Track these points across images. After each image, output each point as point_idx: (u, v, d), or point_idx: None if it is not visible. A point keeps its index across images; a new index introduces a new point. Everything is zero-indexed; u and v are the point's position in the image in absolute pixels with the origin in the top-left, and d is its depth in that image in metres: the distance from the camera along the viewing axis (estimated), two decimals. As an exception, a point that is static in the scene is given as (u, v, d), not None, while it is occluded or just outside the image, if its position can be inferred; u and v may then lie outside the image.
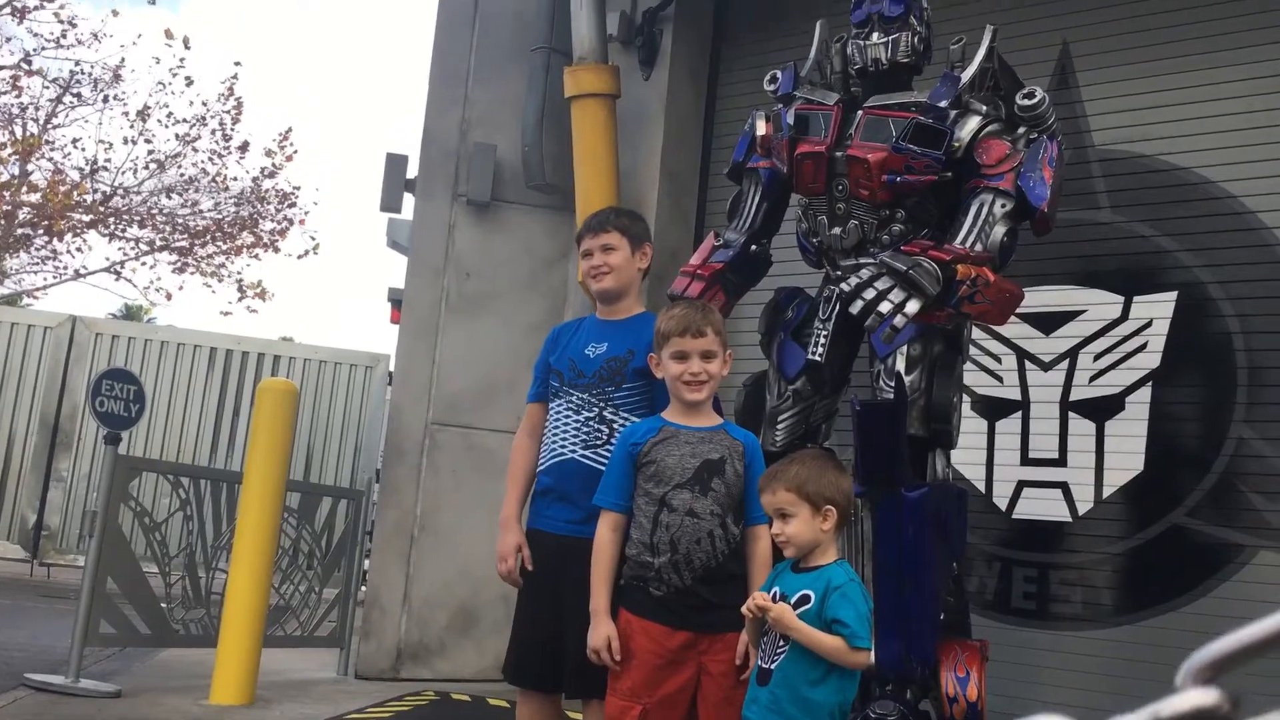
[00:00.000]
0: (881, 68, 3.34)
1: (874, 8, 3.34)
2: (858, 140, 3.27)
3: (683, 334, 2.84)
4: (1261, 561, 4.04)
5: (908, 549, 3.07)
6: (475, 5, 5.93)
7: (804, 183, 3.37)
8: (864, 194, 3.27)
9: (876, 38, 3.33)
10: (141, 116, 16.46)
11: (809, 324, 3.44)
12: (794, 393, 3.42)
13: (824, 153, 3.29)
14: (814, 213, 3.43)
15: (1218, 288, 4.29)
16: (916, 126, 3.20)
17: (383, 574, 5.66)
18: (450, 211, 5.80)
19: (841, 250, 3.37)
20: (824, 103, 3.41)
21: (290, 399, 4.80)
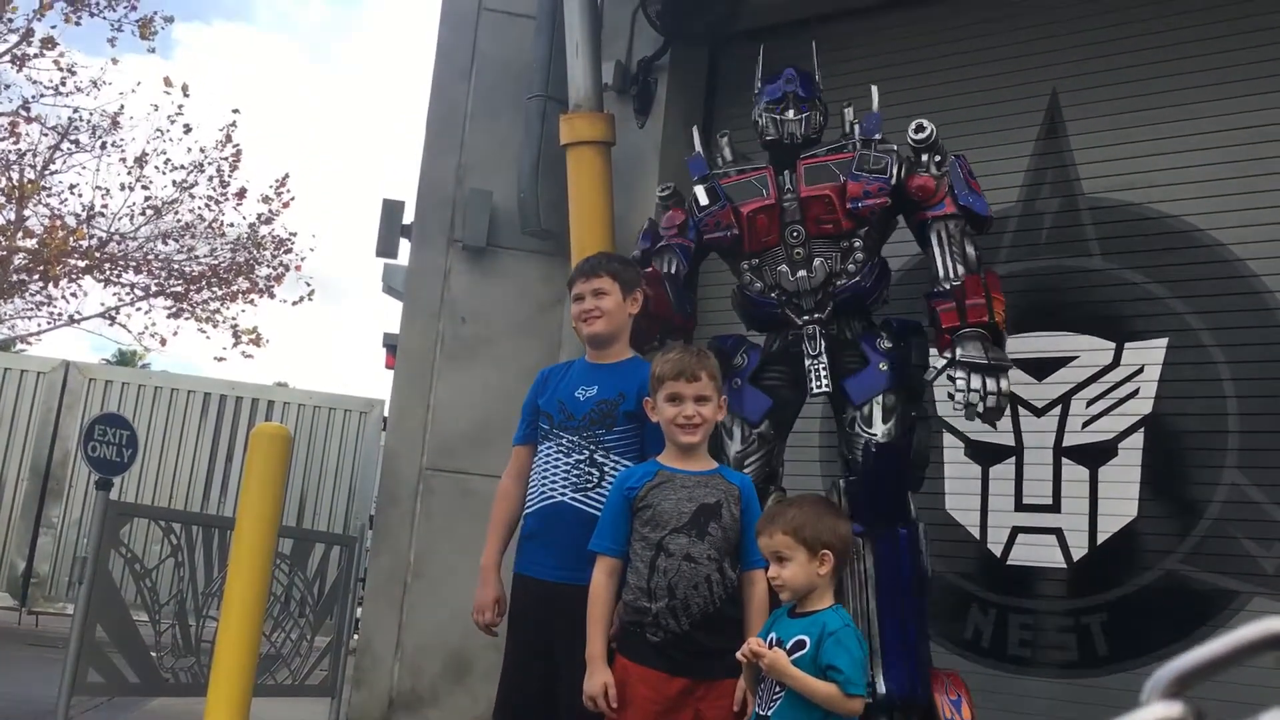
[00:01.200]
0: (796, 141, 3.71)
1: (789, 87, 3.74)
2: (803, 185, 3.60)
3: (677, 377, 2.86)
4: (1256, 608, 4.03)
5: (906, 581, 3.35)
6: (473, 53, 6.00)
7: (758, 237, 3.63)
8: (828, 228, 3.57)
9: (792, 114, 3.71)
10: (139, 163, 16.58)
11: (765, 369, 3.66)
12: (759, 436, 3.57)
13: (775, 204, 3.61)
14: (768, 267, 3.64)
15: (1208, 334, 4.32)
16: (860, 157, 3.59)
17: (375, 621, 5.62)
18: (446, 257, 5.83)
19: (809, 291, 3.57)
20: (750, 168, 3.77)
21: (283, 444, 4.79)
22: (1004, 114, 4.82)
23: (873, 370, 3.50)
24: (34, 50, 15.44)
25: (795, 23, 5.42)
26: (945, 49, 5.06)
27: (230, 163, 17.04)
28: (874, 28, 5.25)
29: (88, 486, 9.17)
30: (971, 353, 3.33)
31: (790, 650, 2.57)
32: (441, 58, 6.09)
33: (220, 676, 4.56)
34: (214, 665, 4.65)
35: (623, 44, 5.60)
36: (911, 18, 5.20)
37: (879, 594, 3.33)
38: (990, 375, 3.30)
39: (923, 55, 5.08)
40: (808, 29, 5.39)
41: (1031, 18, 4.88)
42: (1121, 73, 4.62)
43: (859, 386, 3.49)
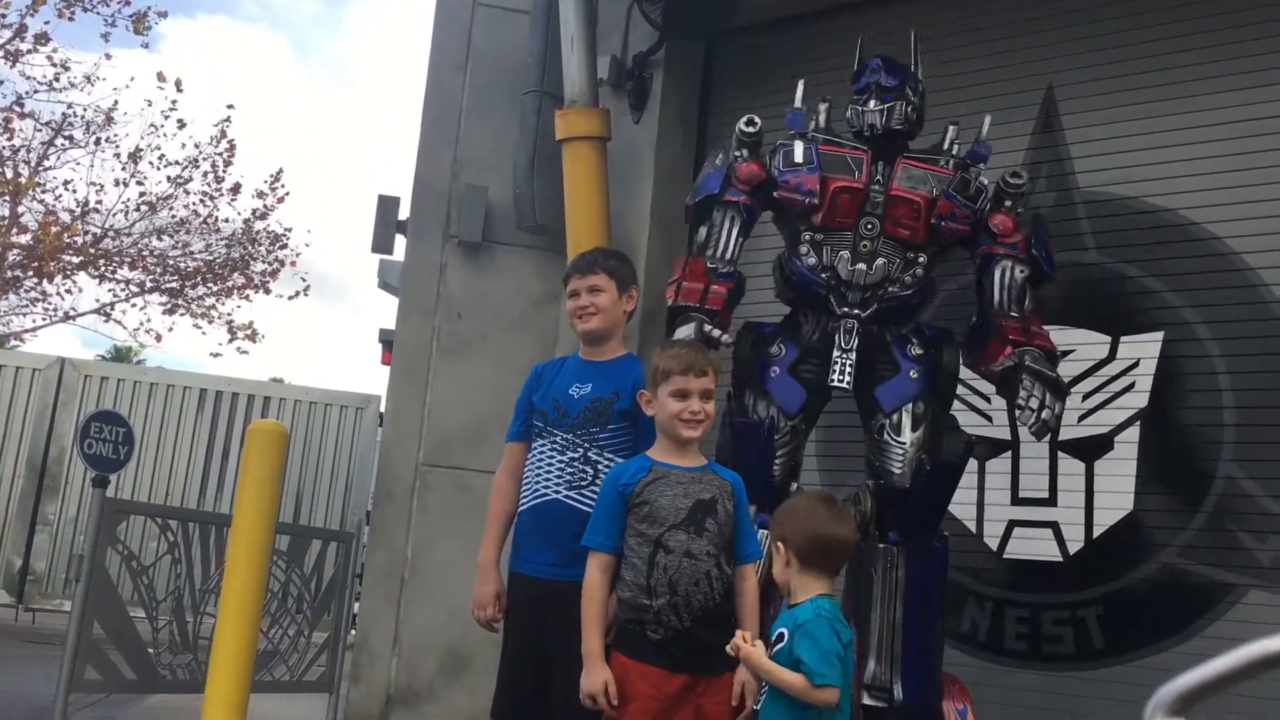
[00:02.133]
0: (876, 133, 3.61)
1: (873, 77, 3.64)
2: (896, 183, 3.53)
3: (685, 372, 2.86)
4: (1252, 601, 4.04)
5: (934, 593, 3.39)
6: (468, 48, 5.99)
7: (835, 215, 3.55)
8: (903, 234, 3.53)
9: (873, 105, 3.61)
10: (133, 159, 16.55)
11: (804, 360, 3.58)
12: (792, 429, 3.54)
13: (863, 189, 3.52)
14: (831, 247, 3.57)
15: (1204, 328, 4.32)
16: (961, 180, 3.54)
17: (372, 617, 5.62)
18: (441, 253, 5.82)
19: (861, 286, 3.52)
20: (850, 145, 3.65)
21: (280, 441, 4.78)
22: (1000, 108, 4.78)
23: (903, 378, 3.50)
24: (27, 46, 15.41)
25: (791, 18, 5.43)
26: (941, 43, 5.04)
27: (224, 158, 17.01)
28: (869, 22, 5.23)
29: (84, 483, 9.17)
30: (1043, 365, 3.35)
31: (773, 643, 2.60)
32: (436, 52, 6.08)
33: (218, 673, 4.56)
34: (211, 662, 4.65)
35: (618, 39, 5.59)
36: (907, 11, 5.18)
37: (907, 604, 3.34)
38: (1055, 392, 3.34)
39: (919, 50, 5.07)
40: (803, 24, 5.40)
41: (1027, 12, 4.88)
42: (1116, 66, 4.62)
43: (889, 394, 3.49)
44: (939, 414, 3.55)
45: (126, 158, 16.55)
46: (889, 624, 3.34)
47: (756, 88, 5.50)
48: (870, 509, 3.47)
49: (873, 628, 3.35)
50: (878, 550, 3.40)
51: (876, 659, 3.34)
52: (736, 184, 3.68)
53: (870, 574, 3.39)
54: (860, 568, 3.43)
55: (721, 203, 3.68)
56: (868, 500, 3.49)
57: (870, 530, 3.48)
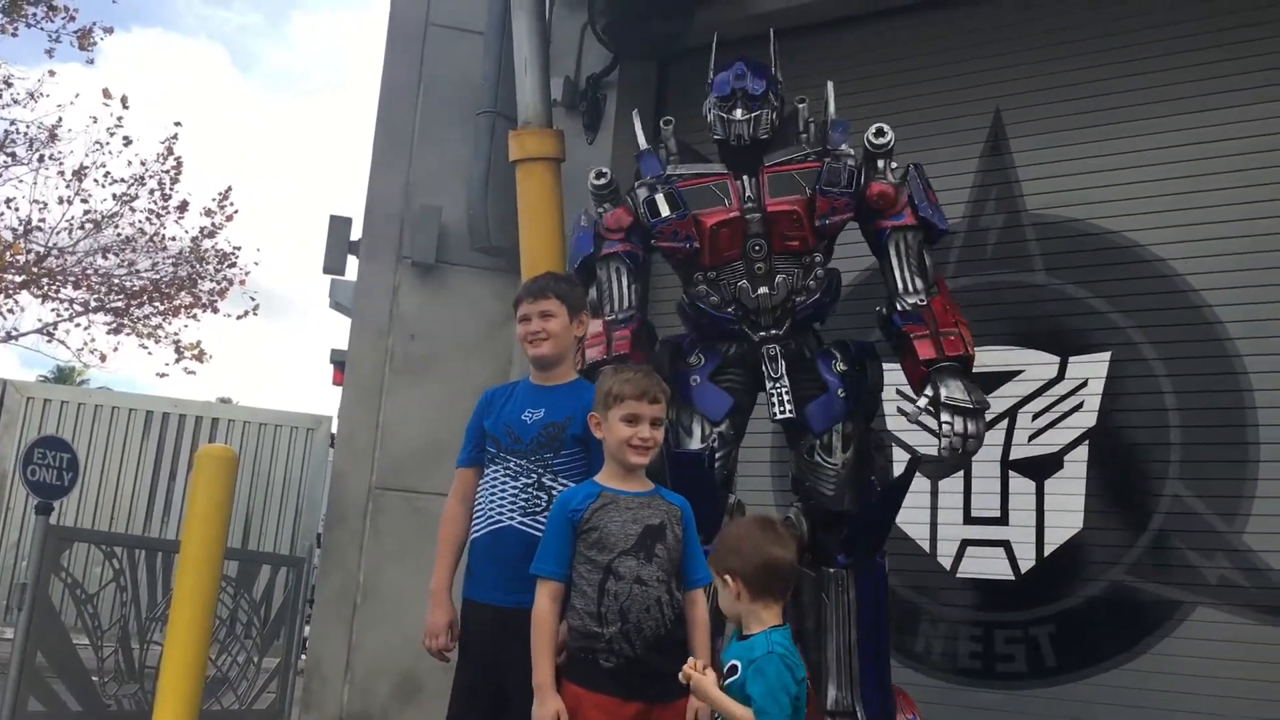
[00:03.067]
0: (744, 143, 3.48)
1: (738, 84, 3.50)
2: (768, 198, 3.44)
3: (639, 398, 2.84)
4: (1199, 618, 4.11)
5: (881, 609, 3.37)
6: (420, 68, 5.97)
7: (720, 252, 3.47)
8: (793, 244, 3.45)
9: (740, 114, 3.48)
10: (78, 176, 16.27)
11: (723, 370, 3.54)
12: (719, 435, 3.48)
13: (738, 217, 3.44)
14: (728, 281, 3.49)
15: (1150, 348, 4.40)
16: (829, 170, 3.43)
17: (324, 642, 5.54)
18: (395, 273, 5.78)
19: (769, 309, 3.46)
20: (709, 173, 3.54)
21: (229, 466, 4.71)
22: (949, 130, 4.88)
23: (832, 397, 3.45)
24: (-32, 62, 15.13)
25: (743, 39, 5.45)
26: (891, 66, 5.12)
27: (171, 175, 16.79)
28: (821, 44, 5.30)
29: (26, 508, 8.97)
30: (956, 395, 3.26)
31: (725, 674, 2.58)
32: (389, 73, 6.05)
33: (165, 702, 4.47)
34: (159, 691, 4.57)
35: (571, 60, 5.60)
36: (858, 35, 5.25)
37: (860, 626, 3.32)
38: (973, 419, 3.25)
39: (869, 73, 5.13)
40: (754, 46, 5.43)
41: (975, 37, 4.96)
42: (1063, 91, 4.71)
43: (820, 414, 3.44)
44: (865, 432, 3.52)
45: (71, 175, 16.29)
46: (845, 647, 3.32)
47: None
48: (805, 531, 3.42)
49: (829, 653, 3.33)
50: (829, 575, 3.37)
51: (836, 684, 3.31)
52: (608, 235, 3.62)
53: (820, 599, 3.36)
54: (805, 593, 3.40)
55: (601, 259, 3.62)
56: (802, 523, 3.44)
57: (805, 554, 3.40)
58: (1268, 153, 4.28)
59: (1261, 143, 4.30)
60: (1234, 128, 4.36)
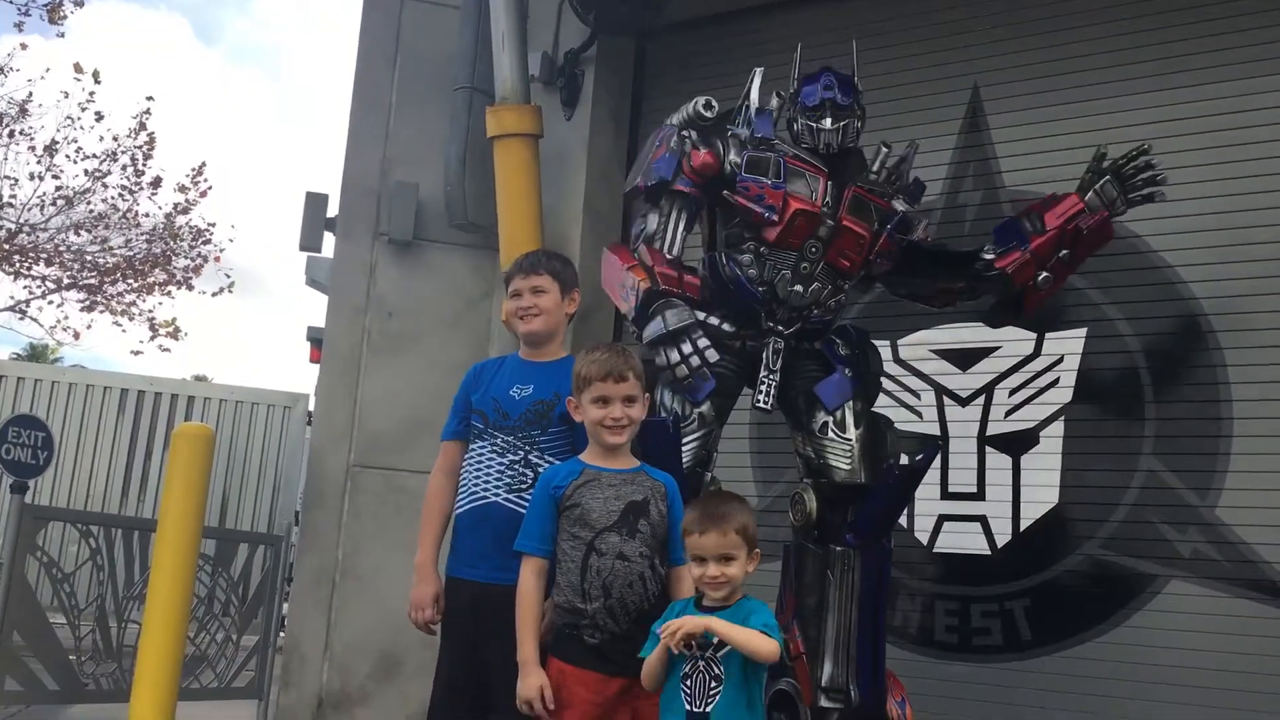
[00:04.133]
0: (832, 152, 3.57)
1: (827, 94, 3.59)
2: (846, 214, 3.51)
3: (604, 379, 2.85)
4: (1173, 591, 4.15)
5: (884, 593, 3.41)
6: (396, 43, 5.91)
7: (787, 236, 3.48)
8: (844, 264, 3.53)
9: (829, 123, 3.57)
10: (49, 152, 16.09)
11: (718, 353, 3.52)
12: (699, 415, 3.49)
13: (818, 214, 3.49)
14: (773, 264, 3.52)
15: (1125, 324, 4.43)
16: (904, 219, 3.59)
17: (303, 621, 5.53)
18: (372, 250, 5.74)
19: (794, 307, 3.51)
20: (811, 163, 3.59)
21: (206, 444, 4.69)
22: (927, 107, 4.88)
23: (839, 376, 3.51)
24: (-64, 35, 14.89)
25: (720, 15, 5.44)
26: (868, 42, 5.06)
27: (144, 151, 16.62)
28: (796, 20, 5.28)
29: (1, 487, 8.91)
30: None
31: (720, 643, 2.59)
32: (365, 48, 5.99)
33: (143, 681, 4.47)
34: (137, 670, 4.56)
35: (549, 35, 5.56)
36: (834, 10, 5.23)
37: (860, 606, 3.35)
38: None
39: (846, 49, 5.11)
40: (732, 22, 5.42)
41: (952, 13, 4.95)
42: (1041, 68, 4.71)
43: (831, 391, 3.48)
44: (873, 413, 3.57)
45: (42, 150, 16.11)
46: (845, 627, 3.33)
47: (686, 85, 5.50)
48: (814, 510, 3.45)
49: (828, 631, 3.34)
50: (835, 554, 3.38)
51: (833, 662, 3.32)
52: (689, 174, 3.57)
53: (825, 577, 3.38)
54: (808, 570, 3.43)
55: (671, 192, 3.56)
56: (811, 500, 3.47)
57: (813, 532, 3.47)
58: (1242, 129, 4.30)
59: (1236, 119, 4.32)
60: (1208, 104, 4.38)
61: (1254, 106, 4.29)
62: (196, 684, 5.26)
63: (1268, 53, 4.29)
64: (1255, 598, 4.02)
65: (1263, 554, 4.04)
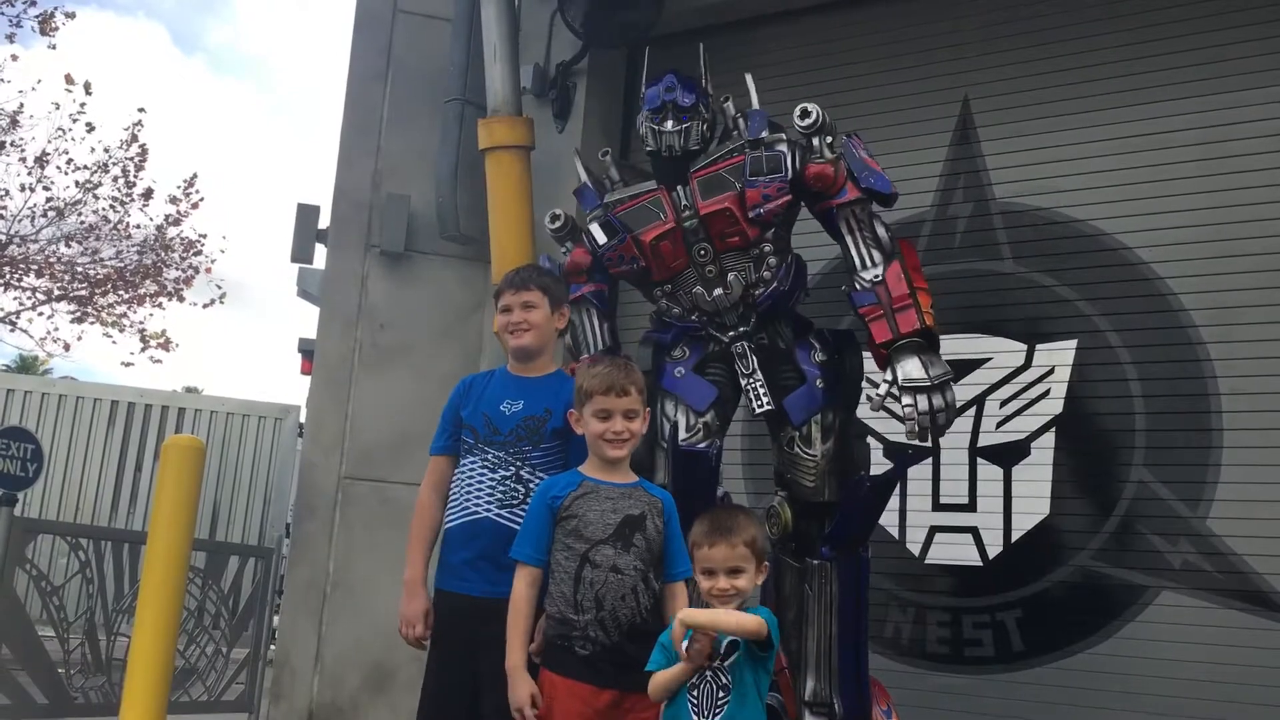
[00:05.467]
0: (675, 154, 3.51)
1: (669, 96, 3.53)
2: (700, 201, 3.47)
3: (606, 392, 2.86)
4: (1164, 602, 4.16)
5: (863, 602, 3.37)
6: (388, 56, 5.92)
7: (666, 264, 3.52)
8: (734, 240, 3.47)
9: (671, 125, 3.51)
10: (40, 163, 16.06)
11: (707, 363, 3.57)
12: (704, 425, 3.49)
13: (675, 226, 3.49)
14: (683, 290, 3.55)
15: (1115, 335, 4.44)
16: (754, 159, 3.44)
17: (293, 633, 5.52)
18: (363, 262, 5.75)
19: (729, 307, 3.50)
20: (643, 191, 3.59)
21: (196, 456, 4.68)
22: (918, 119, 4.90)
23: (810, 388, 3.45)
24: (-73, 47, 14.87)
25: (709, 28, 5.46)
26: (860, 55, 5.13)
27: (136, 162, 16.60)
28: (788, 33, 5.31)
29: (-11, 499, 8.86)
30: (913, 374, 3.22)
31: (726, 652, 2.59)
32: (356, 60, 6.00)
33: (133, 694, 4.44)
34: (126, 683, 4.53)
35: (541, 48, 5.57)
36: (825, 24, 5.26)
37: (840, 618, 3.33)
38: (936, 394, 3.22)
39: (837, 61, 5.15)
40: (724, 34, 5.43)
41: (943, 25, 4.98)
42: (1031, 80, 4.74)
43: (797, 406, 3.44)
44: (846, 422, 3.52)
45: (33, 162, 16.08)
46: (825, 639, 3.33)
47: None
48: (789, 521, 3.44)
49: (810, 645, 3.34)
50: (812, 567, 3.37)
51: (816, 675, 3.32)
52: (572, 279, 3.70)
53: (803, 590, 3.37)
54: (786, 583, 3.43)
55: (572, 303, 3.64)
56: (786, 513, 3.45)
57: (789, 544, 3.46)
58: (1231, 142, 4.33)
59: (1225, 132, 4.34)
60: (1198, 117, 4.40)
61: (1243, 119, 4.32)
62: (186, 697, 5.23)
63: (1257, 65, 4.32)
64: (1245, 608, 4.03)
65: (1253, 565, 4.05)
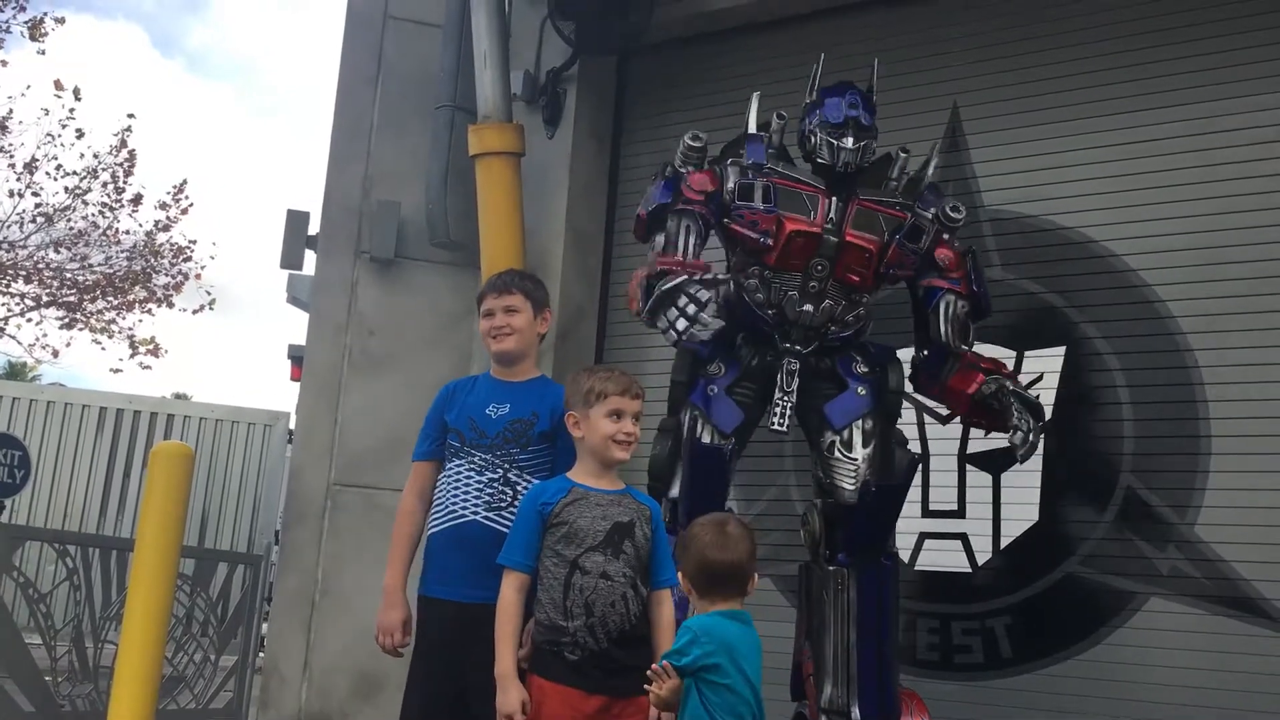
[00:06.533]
0: (850, 171, 3.52)
1: (852, 113, 3.54)
2: (850, 229, 3.48)
3: (623, 394, 2.89)
4: (1152, 608, 4.17)
5: (886, 611, 3.38)
6: (378, 61, 5.92)
7: (788, 257, 3.47)
8: (854, 279, 3.50)
9: (850, 143, 3.51)
10: (29, 169, 16.02)
11: (741, 383, 3.56)
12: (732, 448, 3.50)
13: (818, 232, 3.47)
14: (779, 285, 3.51)
15: (1103, 342, 4.46)
16: (911, 228, 3.51)
17: (282, 640, 5.50)
18: (353, 269, 5.74)
19: (806, 326, 3.50)
20: (807, 182, 3.56)
21: (185, 463, 4.66)
22: (907, 126, 4.89)
23: (852, 394, 3.49)
24: (-85, 52, 14.83)
25: (699, 36, 5.47)
26: (848, 63, 5.11)
27: (125, 168, 16.56)
28: (776, 41, 5.32)
29: (-24, 507, 8.81)
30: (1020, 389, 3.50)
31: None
32: (346, 66, 6.00)
33: (120, 702, 4.41)
34: (114, 691, 4.51)
35: (531, 54, 5.58)
36: (813, 31, 5.27)
37: (860, 626, 3.32)
38: (1036, 414, 3.49)
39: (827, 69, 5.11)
40: (712, 42, 5.45)
41: (934, 33, 4.99)
42: (1019, 88, 4.75)
43: (839, 410, 3.48)
44: (887, 431, 3.54)
45: (22, 168, 16.03)
46: (843, 646, 3.31)
47: (668, 104, 5.54)
48: (819, 528, 3.45)
49: (826, 651, 3.33)
50: (828, 573, 3.38)
51: (833, 682, 3.30)
52: (689, 192, 3.56)
53: (822, 597, 3.37)
54: (813, 589, 3.43)
55: (675, 211, 3.54)
56: (816, 520, 3.46)
57: (821, 550, 3.46)
58: (1219, 149, 4.35)
59: (1213, 140, 4.36)
60: (1186, 125, 4.42)
61: (1230, 126, 4.34)
62: (174, 705, 5.21)
63: (1245, 73, 4.34)
64: (1234, 614, 4.04)
65: (1241, 571, 4.06)
